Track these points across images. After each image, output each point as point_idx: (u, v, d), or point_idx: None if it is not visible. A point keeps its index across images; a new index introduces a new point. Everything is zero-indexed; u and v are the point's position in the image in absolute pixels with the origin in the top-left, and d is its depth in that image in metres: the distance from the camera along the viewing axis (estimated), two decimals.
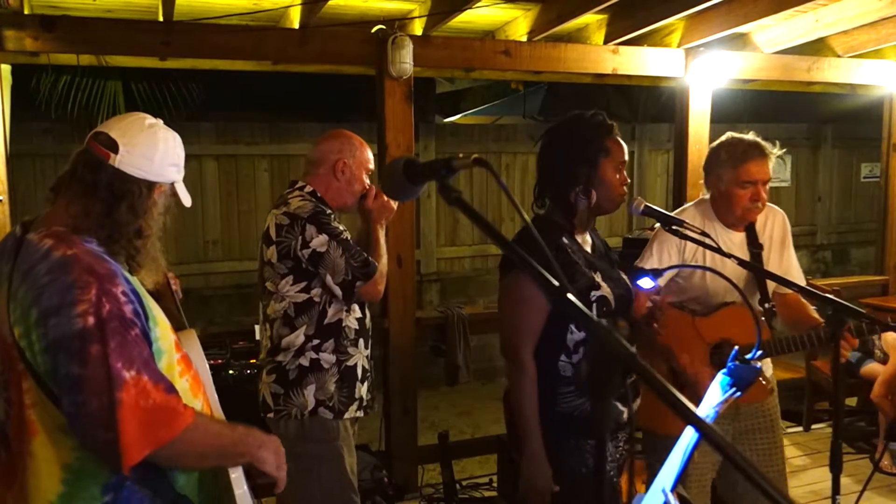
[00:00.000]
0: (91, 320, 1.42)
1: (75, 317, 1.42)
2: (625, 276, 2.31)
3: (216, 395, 1.79)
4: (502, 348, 2.20)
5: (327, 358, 2.56)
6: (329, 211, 2.59)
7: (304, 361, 2.55)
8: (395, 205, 2.75)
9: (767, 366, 2.81)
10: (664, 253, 2.69)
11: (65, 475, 1.51)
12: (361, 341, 2.66)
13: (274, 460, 1.67)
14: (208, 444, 1.58)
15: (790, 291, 2.73)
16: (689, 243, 2.60)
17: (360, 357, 2.66)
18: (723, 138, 2.74)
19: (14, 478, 1.55)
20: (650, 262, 2.66)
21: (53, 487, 1.51)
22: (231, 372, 3.91)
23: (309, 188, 2.65)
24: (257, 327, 2.66)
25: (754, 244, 2.73)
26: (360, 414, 2.68)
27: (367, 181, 2.74)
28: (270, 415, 2.58)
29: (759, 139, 2.67)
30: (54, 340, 1.43)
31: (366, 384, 2.68)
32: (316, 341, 2.56)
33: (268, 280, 2.60)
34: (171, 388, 1.49)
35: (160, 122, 1.70)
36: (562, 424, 2.13)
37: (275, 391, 2.56)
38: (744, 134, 2.71)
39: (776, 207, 2.84)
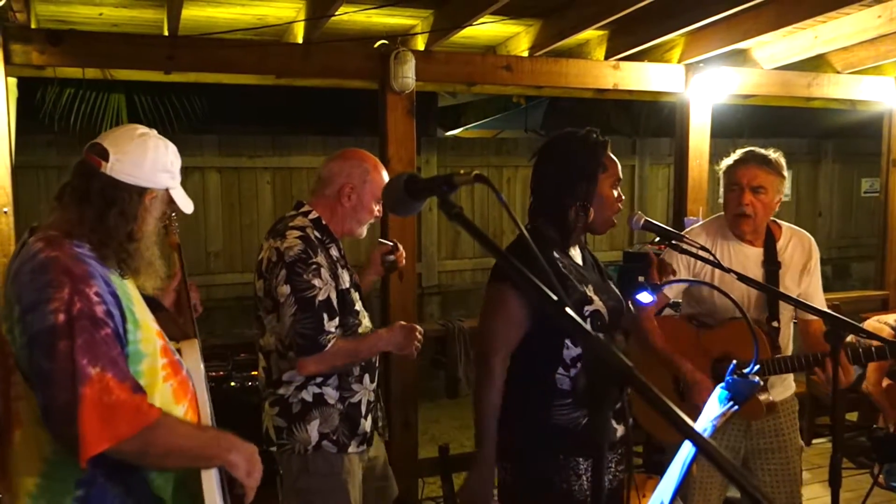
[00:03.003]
0: (62, 317, 1.50)
1: (48, 313, 1.50)
2: (615, 288, 2.32)
3: (208, 406, 1.79)
4: (475, 352, 2.20)
5: (331, 393, 2.44)
6: (313, 260, 2.36)
7: (307, 396, 2.42)
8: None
9: (788, 385, 2.79)
10: None
11: (43, 468, 1.58)
12: (367, 377, 2.53)
13: (245, 466, 1.68)
14: (173, 444, 1.60)
15: (813, 318, 2.70)
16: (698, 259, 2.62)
17: (365, 392, 2.53)
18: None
19: (4, 469, 1.63)
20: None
21: (33, 479, 1.58)
22: (232, 384, 3.91)
23: (314, 214, 2.49)
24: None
25: (771, 262, 2.70)
26: (364, 447, 2.55)
27: (378, 209, 2.56)
28: (273, 448, 2.46)
29: (761, 151, 2.68)
30: (31, 336, 1.52)
31: (369, 418, 2.56)
32: (318, 378, 2.43)
33: (259, 310, 2.49)
34: (137, 388, 1.54)
35: (153, 131, 1.78)
36: (554, 439, 2.12)
37: (278, 424, 2.44)
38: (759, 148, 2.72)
39: (806, 233, 2.81)
